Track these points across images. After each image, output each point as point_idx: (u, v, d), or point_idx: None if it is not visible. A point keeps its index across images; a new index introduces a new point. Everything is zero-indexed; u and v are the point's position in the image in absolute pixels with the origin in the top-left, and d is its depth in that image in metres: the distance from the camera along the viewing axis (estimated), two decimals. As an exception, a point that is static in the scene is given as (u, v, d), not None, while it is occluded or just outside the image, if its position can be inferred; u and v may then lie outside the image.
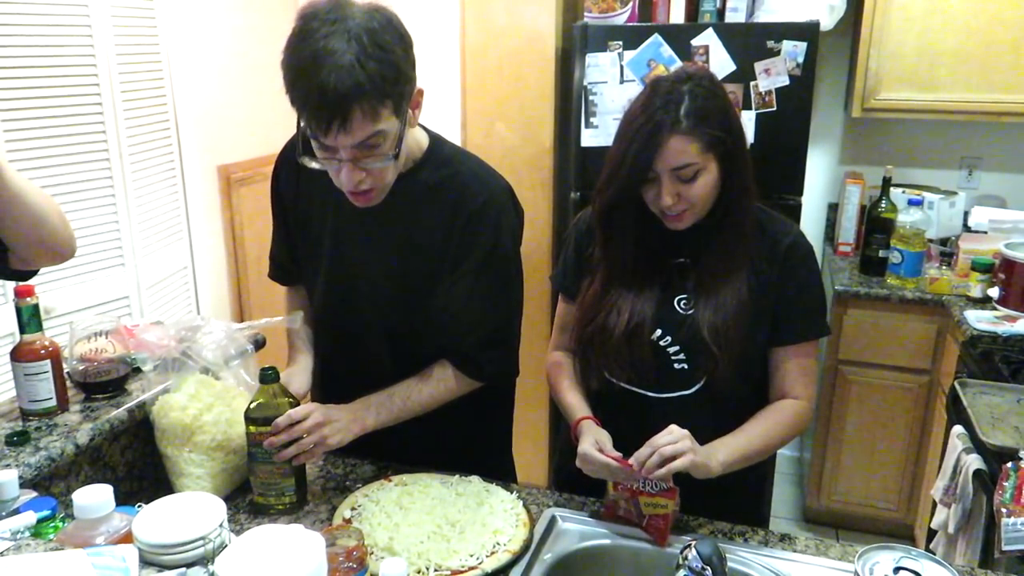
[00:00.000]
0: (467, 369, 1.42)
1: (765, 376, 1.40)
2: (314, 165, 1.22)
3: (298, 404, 1.32)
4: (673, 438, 1.20)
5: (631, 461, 1.21)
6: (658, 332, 1.35)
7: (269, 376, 1.34)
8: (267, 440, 1.28)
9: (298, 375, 1.53)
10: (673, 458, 1.18)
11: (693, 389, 1.34)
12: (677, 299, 1.35)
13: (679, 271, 1.36)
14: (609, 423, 1.34)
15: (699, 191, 1.27)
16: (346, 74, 1.07)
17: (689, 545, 1.01)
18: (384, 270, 1.40)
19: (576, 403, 1.42)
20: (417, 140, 1.36)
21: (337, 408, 1.34)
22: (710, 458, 1.22)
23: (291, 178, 1.46)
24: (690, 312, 1.34)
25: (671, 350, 1.35)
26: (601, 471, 1.25)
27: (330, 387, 1.54)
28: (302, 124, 1.18)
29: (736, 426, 1.32)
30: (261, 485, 1.33)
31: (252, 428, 1.31)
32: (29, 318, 1.37)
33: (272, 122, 1.47)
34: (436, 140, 1.40)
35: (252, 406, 1.32)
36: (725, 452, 1.25)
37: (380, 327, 1.43)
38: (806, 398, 1.38)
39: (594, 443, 1.27)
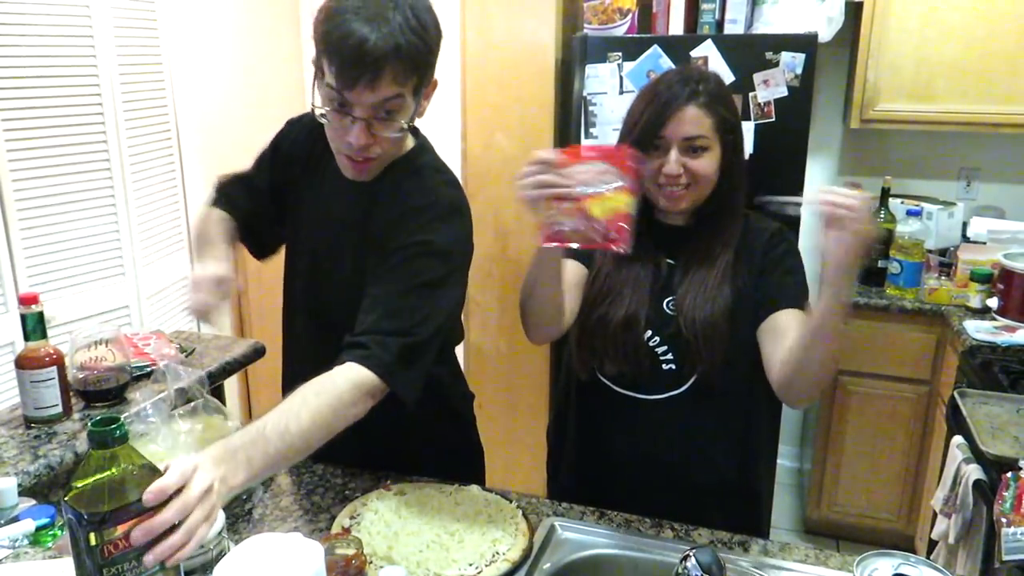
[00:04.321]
0: (365, 358, 1.18)
1: (754, 370, 1.38)
2: (323, 120, 1.21)
3: (154, 467, 0.88)
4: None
5: None
6: (648, 332, 1.38)
7: (109, 434, 0.83)
8: (136, 532, 0.83)
9: (218, 261, 1.39)
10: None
11: (683, 388, 1.35)
12: (666, 301, 1.38)
13: (669, 273, 1.39)
14: (603, 427, 1.33)
15: (704, 168, 1.32)
16: (388, 34, 1.10)
17: (688, 554, 1.01)
18: (351, 264, 1.35)
19: None
20: (404, 140, 1.34)
21: (202, 459, 0.95)
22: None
23: (302, 143, 1.43)
24: (675, 313, 1.36)
25: (659, 350, 1.37)
26: (541, 178, 1.15)
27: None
28: (324, 77, 1.17)
29: (734, 422, 1.33)
30: None
31: (93, 537, 0.81)
32: (34, 326, 1.38)
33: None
34: (420, 146, 1.37)
35: (82, 487, 0.82)
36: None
37: (348, 323, 1.31)
38: None
39: None
